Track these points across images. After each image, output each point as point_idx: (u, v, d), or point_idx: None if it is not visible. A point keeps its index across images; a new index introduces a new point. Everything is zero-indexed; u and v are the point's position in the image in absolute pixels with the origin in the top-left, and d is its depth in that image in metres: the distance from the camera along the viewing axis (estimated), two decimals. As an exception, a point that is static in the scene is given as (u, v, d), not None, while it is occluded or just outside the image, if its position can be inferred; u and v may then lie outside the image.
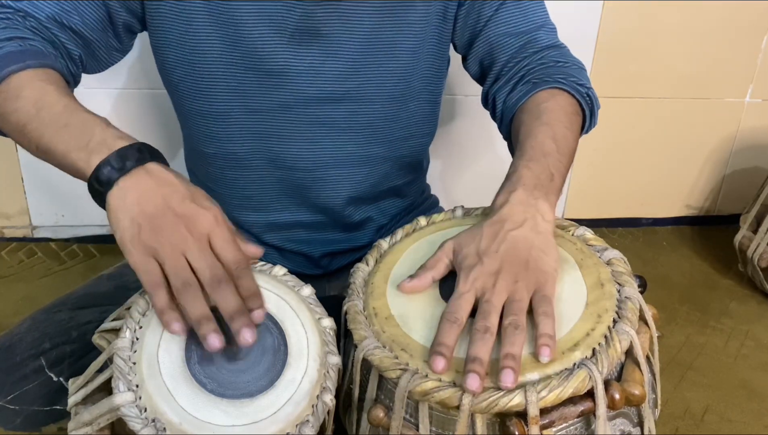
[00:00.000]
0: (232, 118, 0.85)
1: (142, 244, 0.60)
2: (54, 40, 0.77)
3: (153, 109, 1.41)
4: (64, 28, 0.77)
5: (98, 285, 0.92)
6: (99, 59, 0.84)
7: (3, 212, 1.48)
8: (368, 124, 0.88)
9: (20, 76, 0.69)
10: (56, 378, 0.79)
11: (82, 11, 0.78)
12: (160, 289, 0.60)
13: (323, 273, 0.98)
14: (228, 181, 0.91)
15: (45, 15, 0.76)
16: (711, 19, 1.50)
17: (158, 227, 0.60)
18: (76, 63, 0.80)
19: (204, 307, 0.60)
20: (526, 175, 0.71)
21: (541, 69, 0.85)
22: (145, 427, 0.57)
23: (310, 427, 0.61)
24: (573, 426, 0.61)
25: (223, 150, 0.88)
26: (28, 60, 0.70)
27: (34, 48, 0.73)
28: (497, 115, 0.88)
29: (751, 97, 1.60)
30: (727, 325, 1.36)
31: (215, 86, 0.83)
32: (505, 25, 0.86)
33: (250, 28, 0.80)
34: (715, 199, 1.72)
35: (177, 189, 0.63)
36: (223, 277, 0.61)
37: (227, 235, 0.63)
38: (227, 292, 0.61)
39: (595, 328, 0.62)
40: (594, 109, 0.85)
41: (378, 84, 0.86)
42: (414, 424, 0.62)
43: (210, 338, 0.59)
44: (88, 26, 0.79)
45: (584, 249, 0.71)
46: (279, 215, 0.92)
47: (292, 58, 0.82)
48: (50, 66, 0.72)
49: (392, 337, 0.65)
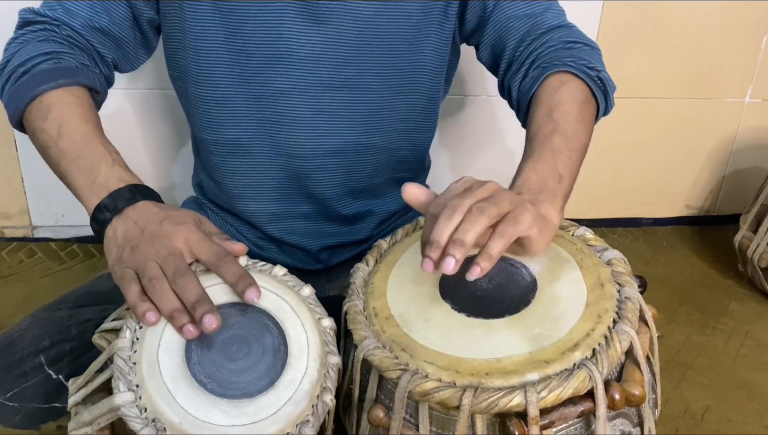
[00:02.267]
0: (233, 103, 0.87)
1: (122, 262, 0.65)
2: (88, 46, 0.83)
3: (161, 108, 1.41)
4: (95, 31, 0.83)
5: (98, 284, 0.93)
6: (129, 58, 0.89)
7: (3, 212, 1.48)
8: (367, 112, 0.89)
9: (51, 96, 0.76)
10: (55, 375, 0.79)
11: (111, 11, 0.84)
12: (132, 284, 0.63)
13: (323, 268, 0.99)
14: (228, 170, 0.92)
15: (79, 22, 0.82)
16: (711, 19, 1.50)
17: (136, 247, 0.65)
18: (109, 66, 0.86)
19: (174, 300, 0.62)
20: (531, 180, 0.69)
21: (550, 52, 0.83)
22: (145, 427, 0.57)
23: (310, 427, 0.61)
24: (573, 426, 0.61)
25: (223, 136, 0.90)
26: (60, 79, 0.76)
27: (67, 64, 0.79)
28: (514, 104, 0.88)
29: (751, 97, 1.60)
30: (727, 325, 1.36)
31: (217, 71, 0.86)
32: (510, 8, 0.86)
33: (252, 14, 0.83)
34: (715, 199, 1.72)
35: (157, 215, 0.68)
36: (184, 270, 0.63)
37: (200, 236, 0.67)
38: (187, 282, 0.63)
39: (595, 329, 0.62)
40: (608, 92, 0.83)
41: (376, 73, 0.87)
42: (414, 424, 0.62)
43: (186, 329, 0.61)
44: (116, 25, 0.85)
45: (584, 249, 0.71)
46: (279, 205, 0.94)
47: (293, 44, 0.84)
48: (82, 84, 0.78)
49: (392, 337, 0.65)
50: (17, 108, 0.77)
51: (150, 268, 0.63)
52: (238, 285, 0.64)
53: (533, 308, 0.66)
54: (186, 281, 0.63)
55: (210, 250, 0.66)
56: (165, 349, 0.61)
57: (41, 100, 0.76)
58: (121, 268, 0.65)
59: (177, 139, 1.42)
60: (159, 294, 0.62)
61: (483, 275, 0.60)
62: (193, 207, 1.02)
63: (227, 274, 0.65)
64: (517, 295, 0.67)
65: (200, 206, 1.02)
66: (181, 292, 0.62)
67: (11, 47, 0.81)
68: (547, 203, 0.68)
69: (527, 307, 0.65)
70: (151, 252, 0.64)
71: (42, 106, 0.75)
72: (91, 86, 0.80)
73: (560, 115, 0.76)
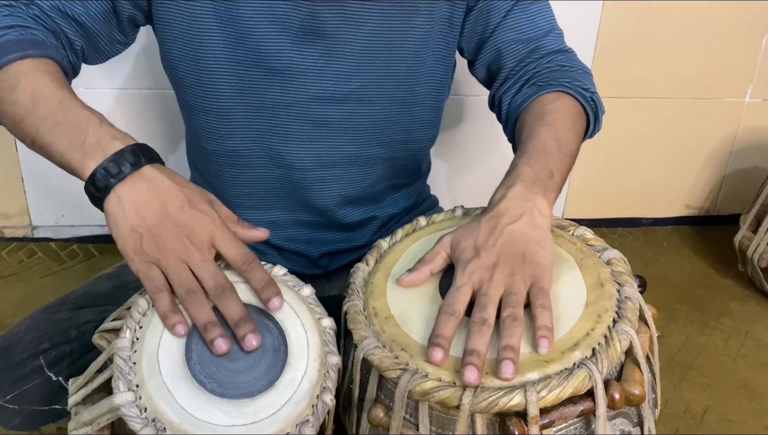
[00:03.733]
0: (233, 114, 0.85)
1: (144, 253, 0.62)
2: (56, 29, 0.77)
3: (155, 108, 1.41)
4: (66, 17, 0.77)
5: (98, 285, 0.92)
6: (101, 50, 0.84)
7: (3, 212, 1.48)
8: (369, 125, 0.88)
9: (19, 66, 0.69)
10: (55, 377, 0.79)
11: (86, 2, 0.78)
12: (163, 293, 0.62)
13: (323, 273, 0.98)
14: (228, 179, 0.91)
15: (48, 4, 0.76)
16: (711, 19, 1.50)
17: (159, 237, 0.62)
18: (77, 53, 0.80)
19: (210, 313, 0.62)
20: (525, 172, 0.72)
21: (547, 72, 0.85)
22: (145, 427, 0.57)
23: (310, 427, 0.61)
24: (573, 426, 0.61)
25: (223, 147, 0.88)
26: (29, 49, 0.70)
27: (35, 37, 0.73)
28: (502, 117, 0.89)
29: (751, 97, 1.60)
30: (727, 325, 1.36)
31: (218, 83, 0.84)
32: (512, 31, 0.87)
33: (254, 25, 0.81)
34: (715, 199, 1.72)
35: (174, 194, 0.64)
36: (227, 286, 0.63)
37: (228, 235, 0.65)
38: (231, 300, 0.63)
39: (595, 328, 0.62)
40: (598, 113, 0.86)
41: (380, 86, 0.86)
42: (414, 424, 0.62)
43: (217, 343, 0.61)
44: (91, 18, 0.79)
45: (584, 249, 0.71)
46: (278, 214, 0.93)
47: (295, 56, 0.82)
48: (50, 56, 0.72)
49: (392, 337, 0.65)
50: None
51: (183, 276, 0.62)
52: (263, 292, 0.64)
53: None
54: (229, 299, 0.62)
55: (238, 252, 0.65)
56: (165, 348, 0.61)
57: (7, 70, 0.69)
58: (142, 261, 0.62)
59: (173, 140, 1.42)
60: (197, 307, 0.62)
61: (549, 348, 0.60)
62: None
63: (254, 280, 0.65)
64: (517, 295, 0.67)
65: None
66: (223, 308, 0.62)
67: None
68: (540, 195, 0.70)
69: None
70: (177, 247, 0.62)
71: (9, 76, 0.69)
72: (61, 64, 0.74)
73: (554, 121, 0.78)
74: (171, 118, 1.39)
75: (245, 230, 0.68)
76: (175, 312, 0.62)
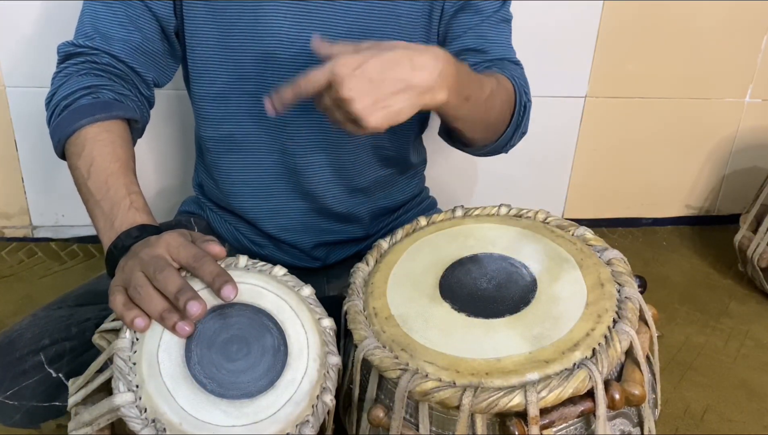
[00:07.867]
0: (227, 100, 0.91)
1: (113, 284, 0.66)
2: (128, 72, 0.86)
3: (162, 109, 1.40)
4: (133, 52, 0.86)
5: (98, 283, 0.93)
6: (164, 71, 0.92)
7: (3, 212, 1.48)
8: None
9: (87, 131, 0.78)
10: (55, 374, 0.79)
11: (141, 26, 0.86)
12: (116, 296, 0.64)
13: (321, 266, 1.00)
14: (225, 167, 0.95)
15: (118, 48, 0.85)
16: (711, 19, 1.50)
17: (125, 265, 0.67)
18: (150, 86, 0.89)
19: (161, 302, 0.63)
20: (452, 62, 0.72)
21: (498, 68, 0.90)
22: (145, 428, 0.57)
23: (310, 428, 0.61)
24: (573, 426, 0.61)
25: (219, 132, 0.93)
26: (98, 113, 0.79)
27: (105, 98, 0.81)
28: None
29: (751, 97, 1.60)
30: (726, 325, 1.36)
31: (211, 69, 0.89)
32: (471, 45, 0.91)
33: (243, 12, 0.85)
34: (715, 199, 1.72)
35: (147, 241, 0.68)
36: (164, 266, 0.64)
37: (181, 241, 0.67)
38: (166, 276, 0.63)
39: (595, 328, 0.62)
40: (522, 121, 0.89)
41: None
42: (414, 424, 0.62)
43: (178, 328, 0.61)
44: (148, 40, 0.87)
45: (584, 249, 0.72)
46: (274, 201, 0.96)
47: (284, 42, 0.86)
48: (119, 117, 0.81)
49: (392, 337, 0.65)
50: (59, 142, 0.80)
51: (135, 277, 0.64)
52: (214, 283, 0.64)
53: (533, 308, 0.66)
54: (165, 276, 0.63)
55: (188, 252, 0.66)
56: (165, 349, 0.61)
57: (78, 135, 0.78)
58: (111, 288, 0.66)
59: (178, 139, 1.42)
60: (146, 299, 0.62)
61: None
62: (193, 207, 1.05)
63: (204, 274, 0.65)
64: (516, 295, 0.67)
65: (200, 206, 1.04)
66: (163, 287, 0.63)
67: (56, 81, 0.84)
68: (451, 76, 0.70)
69: (527, 306, 0.65)
70: (135, 263, 0.65)
71: (78, 142, 0.78)
72: (129, 117, 0.83)
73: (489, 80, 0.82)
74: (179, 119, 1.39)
75: (201, 243, 0.69)
76: (129, 308, 0.63)
